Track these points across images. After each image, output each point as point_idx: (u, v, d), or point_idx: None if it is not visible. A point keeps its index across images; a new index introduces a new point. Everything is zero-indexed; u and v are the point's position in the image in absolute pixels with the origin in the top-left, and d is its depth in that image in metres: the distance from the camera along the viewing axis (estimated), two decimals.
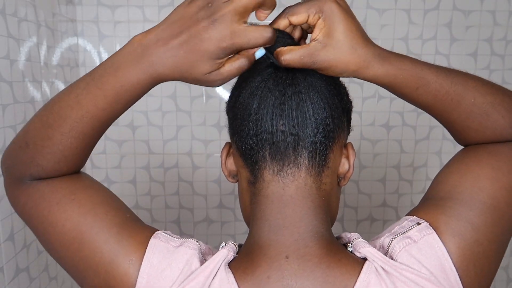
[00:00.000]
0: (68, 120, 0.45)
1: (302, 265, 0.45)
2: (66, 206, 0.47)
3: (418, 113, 1.41)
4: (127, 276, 0.44)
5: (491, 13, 1.37)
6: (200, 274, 0.44)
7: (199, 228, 1.43)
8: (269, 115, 0.45)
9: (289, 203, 0.47)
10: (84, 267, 0.46)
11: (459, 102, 0.49)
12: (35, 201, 0.48)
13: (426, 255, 0.43)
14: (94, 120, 0.46)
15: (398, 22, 1.36)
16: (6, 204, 0.82)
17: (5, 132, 0.82)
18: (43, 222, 0.47)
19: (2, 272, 0.80)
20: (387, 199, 1.46)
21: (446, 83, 0.49)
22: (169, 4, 1.30)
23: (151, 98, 1.34)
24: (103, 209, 0.47)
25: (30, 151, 0.47)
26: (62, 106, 0.46)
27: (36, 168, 0.48)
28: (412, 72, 0.49)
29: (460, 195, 0.46)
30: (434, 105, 0.50)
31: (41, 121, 0.47)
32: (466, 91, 0.49)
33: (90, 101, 0.45)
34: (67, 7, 1.20)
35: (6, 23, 0.83)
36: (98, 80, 0.45)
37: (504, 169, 0.47)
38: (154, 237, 0.46)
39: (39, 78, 0.99)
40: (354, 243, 0.47)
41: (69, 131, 0.46)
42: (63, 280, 1.13)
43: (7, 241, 0.82)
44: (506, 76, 1.42)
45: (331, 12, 0.47)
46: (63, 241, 0.47)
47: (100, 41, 1.31)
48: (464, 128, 0.51)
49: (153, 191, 1.39)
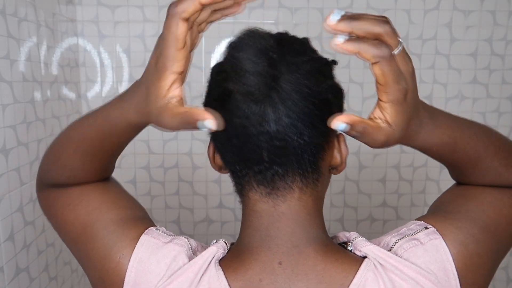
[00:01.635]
0: (72, 144, 0.51)
1: (296, 270, 0.45)
2: (76, 206, 0.51)
3: None
4: (117, 270, 0.46)
5: (491, 13, 1.37)
6: (189, 270, 0.45)
7: (199, 228, 1.43)
8: (253, 141, 0.43)
9: (282, 218, 0.46)
10: (86, 260, 0.49)
11: (476, 164, 0.50)
12: (52, 202, 0.54)
13: (431, 257, 0.45)
14: (93, 144, 0.51)
15: (398, 22, 1.36)
16: (6, 204, 0.83)
17: (5, 132, 0.82)
18: (57, 221, 0.53)
19: (2, 272, 0.80)
20: (387, 199, 1.46)
21: (472, 149, 0.49)
22: (169, 4, 1.30)
23: None
24: (107, 207, 0.51)
25: (49, 161, 0.54)
26: (76, 129, 0.52)
27: (51, 180, 0.54)
28: (451, 135, 0.47)
29: (467, 212, 0.49)
30: (451, 163, 0.52)
31: (60, 139, 0.54)
32: (486, 155, 0.49)
33: (89, 128, 0.50)
34: (67, 7, 1.20)
35: (6, 23, 0.83)
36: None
37: (505, 202, 0.50)
38: (146, 233, 0.48)
39: (39, 78, 0.99)
40: (355, 242, 0.47)
41: (73, 151, 0.51)
42: (63, 280, 1.13)
43: (7, 241, 0.82)
44: (506, 76, 1.42)
45: (410, 99, 0.40)
46: (73, 237, 0.51)
47: (100, 41, 1.31)
48: (473, 180, 0.52)
49: (153, 191, 1.39)
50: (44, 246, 1.00)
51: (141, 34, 1.31)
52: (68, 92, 1.20)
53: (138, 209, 0.54)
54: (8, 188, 0.83)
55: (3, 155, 0.82)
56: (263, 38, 0.43)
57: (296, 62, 0.42)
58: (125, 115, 0.46)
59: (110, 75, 1.33)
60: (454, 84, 1.41)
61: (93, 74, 1.32)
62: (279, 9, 1.32)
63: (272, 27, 1.32)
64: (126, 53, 1.32)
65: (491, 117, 1.43)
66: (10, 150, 0.84)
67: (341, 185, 1.44)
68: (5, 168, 0.82)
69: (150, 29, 1.31)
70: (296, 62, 0.42)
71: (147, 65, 0.43)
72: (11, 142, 0.85)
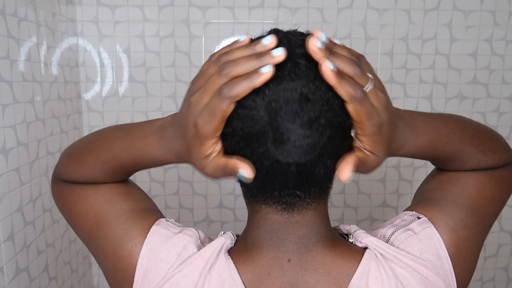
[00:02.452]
0: (101, 157, 0.52)
1: (304, 266, 0.47)
2: (90, 198, 0.53)
3: None
4: (129, 258, 0.48)
5: (491, 13, 1.37)
6: (198, 259, 0.46)
7: (199, 228, 1.42)
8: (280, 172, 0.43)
9: (294, 225, 0.48)
10: (99, 250, 0.52)
11: (456, 157, 0.53)
12: (66, 195, 0.56)
13: (426, 245, 0.48)
14: (122, 165, 0.53)
15: (398, 22, 1.36)
16: (6, 204, 0.83)
17: (5, 132, 0.82)
18: (71, 213, 0.55)
19: (2, 272, 0.80)
20: (387, 199, 1.46)
21: (449, 145, 0.52)
22: (169, 4, 1.30)
23: (151, 98, 1.35)
24: (119, 198, 0.53)
25: (70, 161, 0.55)
26: (102, 144, 0.53)
27: (69, 177, 0.55)
28: (430, 137, 0.51)
29: (453, 197, 0.52)
30: (432, 159, 0.55)
31: (86, 144, 0.55)
32: (463, 147, 0.52)
33: (121, 152, 0.51)
34: (67, 7, 1.20)
35: (6, 23, 0.83)
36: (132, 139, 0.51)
37: (486, 184, 0.54)
38: (157, 224, 0.50)
39: (39, 78, 0.99)
40: (355, 234, 0.50)
41: (101, 163, 0.53)
42: (63, 280, 1.13)
43: (7, 241, 0.82)
44: (506, 76, 1.42)
45: (386, 127, 0.42)
46: (86, 227, 0.53)
47: (100, 41, 1.31)
48: (455, 168, 0.55)
49: (153, 191, 1.39)
50: (44, 246, 1.00)
51: (141, 34, 1.31)
52: (68, 92, 1.20)
53: (149, 202, 0.56)
54: (8, 188, 0.83)
55: (3, 155, 0.82)
56: (299, 85, 0.39)
57: (329, 98, 0.40)
58: (166, 155, 0.48)
59: (110, 75, 1.33)
60: (454, 84, 1.41)
61: (93, 74, 1.32)
62: (279, 9, 1.32)
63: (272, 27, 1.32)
64: (126, 53, 1.32)
65: (491, 117, 1.43)
66: (10, 150, 0.84)
67: (341, 185, 1.44)
68: (5, 168, 0.82)
69: (150, 29, 1.31)
70: (329, 98, 0.40)
71: (181, 115, 0.44)
72: (11, 142, 0.85)
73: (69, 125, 1.20)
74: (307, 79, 0.40)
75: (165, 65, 1.33)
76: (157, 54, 1.32)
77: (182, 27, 1.31)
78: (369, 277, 0.46)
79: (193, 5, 1.30)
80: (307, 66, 0.40)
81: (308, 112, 0.37)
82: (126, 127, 0.53)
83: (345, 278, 0.46)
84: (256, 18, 1.32)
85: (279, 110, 0.37)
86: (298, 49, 0.41)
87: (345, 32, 1.35)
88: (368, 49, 1.37)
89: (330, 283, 0.46)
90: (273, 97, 0.38)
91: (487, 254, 1.51)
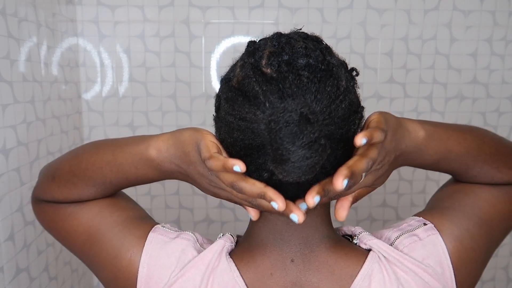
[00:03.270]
0: (92, 180, 0.52)
1: (308, 266, 0.47)
2: (77, 215, 0.52)
3: (418, 113, 1.41)
4: (130, 267, 0.48)
5: (491, 13, 1.37)
6: (199, 262, 0.47)
7: (199, 228, 1.43)
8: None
9: (297, 226, 0.48)
10: (96, 262, 0.51)
11: (467, 172, 0.53)
12: (52, 215, 0.55)
13: (429, 251, 0.48)
14: (115, 186, 0.53)
15: (398, 22, 1.36)
16: (6, 204, 0.83)
17: (5, 132, 0.82)
18: (60, 231, 0.54)
19: (2, 272, 0.80)
20: (387, 199, 1.46)
21: (460, 164, 0.52)
22: (169, 4, 1.30)
23: (151, 98, 1.35)
24: (109, 210, 0.52)
25: (54, 184, 0.54)
26: (89, 167, 0.52)
27: (51, 198, 0.55)
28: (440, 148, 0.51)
29: (463, 208, 0.52)
30: (444, 172, 0.55)
31: (69, 167, 0.53)
32: (475, 164, 0.52)
33: (113, 174, 0.51)
34: (67, 7, 1.20)
35: (6, 23, 0.83)
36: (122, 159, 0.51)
37: (500, 198, 0.53)
38: (153, 231, 0.50)
39: (39, 78, 0.99)
40: (360, 236, 0.51)
41: (92, 186, 0.52)
42: (63, 280, 1.13)
43: (7, 241, 0.82)
44: (506, 76, 1.42)
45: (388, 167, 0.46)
46: (77, 244, 0.52)
47: (100, 41, 1.31)
48: (469, 181, 0.55)
49: (153, 191, 1.39)
50: (44, 246, 1.00)
51: (141, 34, 1.31)
52: (68, 92, 1.20)
53: (138, 210, 0.56)
54: (8, 188, 0.83)
55: (3, 155, 0.82)
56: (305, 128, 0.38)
57: (330, 112, 0.40)
58: (162, 175, 0.50)
59: (110, 75, 1.33)
60: (454, 84, 1.41)
61: (93, 74, 1.32)
62: (279, 9, 1.32)
63: (272, 27, 1.32)
64: (126, 53, 1.32)
65: (491, 117, 1.43)
66: (10, 150, 0.84)
67: None
68: (5, 168, 0.82)
69: (150, 29, 1.31)
70: (330, 112, 0.40)
71: (184, 154, 0.46)
72: (11, 142, 0.85)
73: (69, 125, 1.20)
74: (309, 93, 0.40)
75: (165, 65, 1.33)
76: (157, 54, 1.32)
77: (182, 27, 1.31)
78: (371, 279, 0.46)
79: (193, 5, 1.31)
80: (309, 78, 0.40)
81: (308, 134, 0.37)
82: (110, 150, 0.51)
83: (348, 279, 0.47)
84: (256, 18, 1.32)
85: (278, 131, 0.37)
86: (301, 59, 0.41)
87: (345, 32, 1.35)
88: (368, 49, 1.37)
89: (333, 283, 0.47)
90: (273, 117, 0.38)
91: None
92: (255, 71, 0.41)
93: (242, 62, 0.44)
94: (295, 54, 0.41)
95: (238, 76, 0.43)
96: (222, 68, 1.32)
